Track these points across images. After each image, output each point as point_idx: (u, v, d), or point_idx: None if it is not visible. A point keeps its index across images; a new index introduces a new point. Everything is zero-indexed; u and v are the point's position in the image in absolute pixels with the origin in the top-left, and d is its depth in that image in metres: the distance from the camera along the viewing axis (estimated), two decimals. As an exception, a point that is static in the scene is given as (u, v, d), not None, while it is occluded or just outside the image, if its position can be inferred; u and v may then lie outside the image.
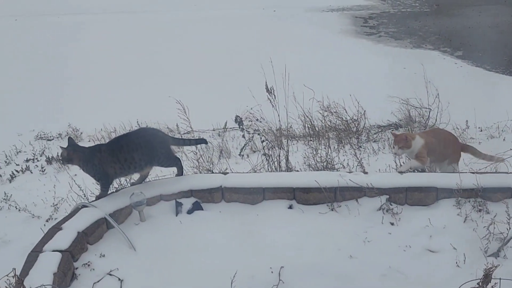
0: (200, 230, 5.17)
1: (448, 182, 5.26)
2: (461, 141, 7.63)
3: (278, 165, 6.67)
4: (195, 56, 16.73)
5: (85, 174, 5.58)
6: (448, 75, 13.30)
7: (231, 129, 9.23)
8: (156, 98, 11.59)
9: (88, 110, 11.11)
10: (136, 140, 5.40)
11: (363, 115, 8.49)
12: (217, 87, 12.94)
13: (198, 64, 15.57)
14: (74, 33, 21.50)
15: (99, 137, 8.97)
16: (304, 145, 8.00)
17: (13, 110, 12.12)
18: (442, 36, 18.93)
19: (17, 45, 20.09)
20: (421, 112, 8.69)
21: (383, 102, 9.14)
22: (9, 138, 9.58)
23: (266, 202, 5.55)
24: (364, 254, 4.73)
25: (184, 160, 6.96)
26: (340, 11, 25.03)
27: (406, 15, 23.92)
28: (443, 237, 4.78)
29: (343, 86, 10.58)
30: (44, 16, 25.87)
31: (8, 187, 7.32)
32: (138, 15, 25.21)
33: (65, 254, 4.55)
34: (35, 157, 8.61)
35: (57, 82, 14.64)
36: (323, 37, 19.03)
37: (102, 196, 5.45)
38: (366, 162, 6.85)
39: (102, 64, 16.44)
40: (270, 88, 6.84)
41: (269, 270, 4.58)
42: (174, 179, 5.80)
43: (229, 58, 16.05)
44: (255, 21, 22.57)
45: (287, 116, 7.18)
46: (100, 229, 5.10)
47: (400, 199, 5.32)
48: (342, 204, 5.37)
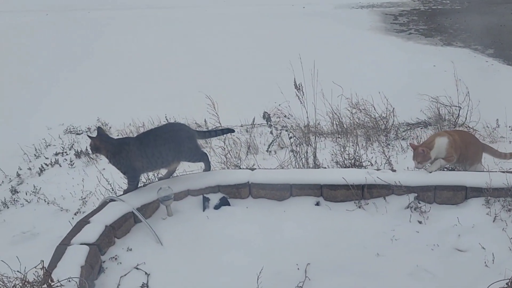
0: (227, 225, 5.18)
1: (478, 181, 5.21)
2: (491, 140, 7.58)
3: (305, 162, 6.64)
4: (225, 52, 16.75)
5: (113, 168, 5.61)
6: (479, 73, 13.16)
7: (259, 125, 9.22)
8: (185, 93, 11.62)
9: (117, 105, 11.17)
10: (164, 135, 5.41)
11: (392, 113, 8.43)
12: (246, 83, 12.94)
13: (227, 60, 15.59)
14: (104, 28, 21.65)
15: (128, 131, 9.01)
16: (332, 142, 7.97)
17: (43, 103, 12.21)
18: (473, 34, 18.73)
19: (48, 39, 20.24)
20: (450, 110, 8.61)
21: (412, 100, 9.06)
22: (38, 132, 9.65)
23: (293, 198, 5.53)
24: (391, 252, 4.70)
25: (212, 155, 6.97)
26: (370, 8, 24.89)
27: (437, 12, 23.71)
28: (472, 237, 4.73)
29: (372, 83, 10.50)
30: (74, 11, 26.05)
31: (38, 180, 7.38)
32: (167, 11, 25.27)
33: (92, 248, 4.58)
34: (64, 151, 8.67)
35: (87, 76, 14.75)
36: (352, 34, 18.93)
37: (130, 190, 5.48)
38: (394, 160, 6.81)
39: (132, 58, 16.53)
40: (299, 84, 6.82)
41: (296, 266, 4.57)
42: (202, 174, 5.81)
43: (258, 54, 16.05)
44: (284, 17, 22.52)
45: (315, 112, 7.15)
46: (128, 223, 5.12)
47: (428, 198, 5.27)
48: (370, 201, 5.34)
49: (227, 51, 16.95)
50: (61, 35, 20.94)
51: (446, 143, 5.41)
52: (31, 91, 13.43)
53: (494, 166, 6.08)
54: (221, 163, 6.87)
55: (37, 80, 14.58)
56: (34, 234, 5.72)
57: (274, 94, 8.46)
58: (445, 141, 5.41)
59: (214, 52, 16.81)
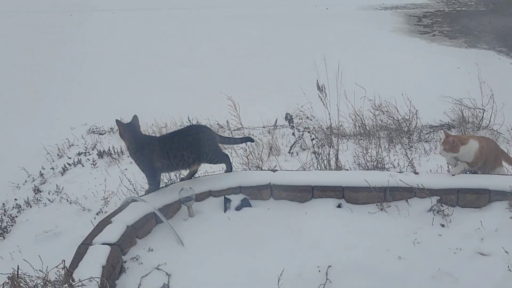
0: (248, 227, 5.17)
1: (501, 184, 5.15)
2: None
3: (327, 164, 6.63)
4: (248, 53, 16.77)
5: (135, 168, 5.63)
6: (504, 75, 13.07)
7: (281, 127, 9.23)
8: (208, 94, 11.66)
9: (140, 105, 11.22)
10: (186, 138, 5.42)
11: (415, 115, 8.39)
12: (269, 84, 12.95)
13: (250, 61, 15.61)
14: (127, 28, 21.77)
15: (150, 131, 9.04)
16: (354, 144, 7.95)
17: (66, 103, 12.31)
18: (497, 36, 18.61)
19: (72, 39, 20.39)
20: (474, 112, 8.55)
21: (436, 102, 9.02)
22: (62, 132, 9.74)
23: (315, 200, 5.51)
24: (413, 255, 4.66)
25: (234, 156, 6.98)
26: (394, 9, 24.82)
27: (461, 14, 23.58)
28: (495, 240, 4.67)
29: (395, 85, 10.48)
30: (98, 12, 26.22)
31: (60, 180, 7.45)
32: (189, 11, 25.36)
33: (114, 248, 4.59)
34: (87, 151, 8.73)
35: (110, 77, 14.85)
36: (375, 35, 18.90)
37: (152, 191, 5.49)
38: (417, 162, 6.78)
39: (155, 59, 16.60)
40: (321, 85, 6.81)
41: (317, 269, 4.55)
42: (223, 175, 5.81)
43: (281, 55, 16.06)
44: (307, 18, 22.52)
45: (338, 114, 7.14)
46: (149, 224, 5.14)
47: (451, 201, 5.23)
48: (392, 204, 5.30)
49: (250, 51, 16.98)
50: (85, 34, 21.09)
51: (477, 149, 5.32)
52: (54, 91, 13.53)
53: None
54: (242, 164, 6.88)
55: (60, 80, 14.68)
56: (56, 233, 5.76)
57: (297, 95, 8.46)
58: (476, 146, 5.33)
59: (238, 53, 16.84)
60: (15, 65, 16.97)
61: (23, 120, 11.07)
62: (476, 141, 5.35)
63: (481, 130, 8.08)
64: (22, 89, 13.95)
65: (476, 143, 5.34)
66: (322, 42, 16.79)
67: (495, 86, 8.61)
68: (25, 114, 11.62)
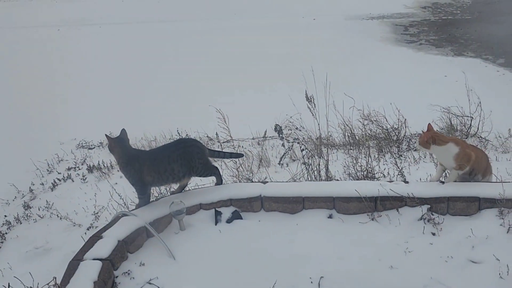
0: (239, 239, 5.17)
1: (491, 192, 5.17)
2: (503, 150, 7.56)
3: (318, 174, 6.64)
4: (235, 65, 16.80)
5: (125, 182, 5.63)
6: (490, 82, 13.14)
7: (270, 138, 9.24)
8: (196, 107, 11.66)
9: (129, 118, 11.21)
10: (176, 152, 5.42)
11: (404, 124, 8.42)
12: (257, 95, 12.97)
13: (238, 73, 15.64)
14: (115, 42, 21.77)
15: (139, 145, 9.03)
16: (344, 154, 7.96)
17: (55, 118, 12.28)
18: (484, 44, 18.72)
19: (60, 55, 20.38)
20: (462, 120, 8.59)
21: (424, 111, 9.05)
22: (51, 147, 9.71)
23: (306, 211, 5.51)
24: (405, 264, 4.67)
25: (224, 169, 6.98)
26: (380, 19, 24.91)
27: (447, 22, 23.70)
28: (486, 248, 4.69)
29: (383, 94, 10.52)
30: (85, 26, 26.21)
31: (50, 196, 7.42)
32: (177, 24, 25.37)
33: (105, 263, 4.58)
34: (77, 166, 8.72)
35: (98, 91, 14.84)
36: (363, 45, 18.98)
37: (142, 205, 5.48)
38: (407, 171, 6.79)
39: (142, 72, 16.60)
40: (310, 96, 6.83)
41: (309, 280, 4.55)
42: (214, 188, 5.81)
43: (268, 67, 16.09)
44: (294, 29, 22.58)
45: (327, 124, 7.15)
46: (140, 238, 5.12)
47: (441, 209, 5.24)
48: (383, 213, 5.31)
49: (239, 63, 17.00)
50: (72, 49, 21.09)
51: (456, 153, 5.25)
52: (42, 106, 13.50)
53: (507, 177, 6.07)
54: (233, 177, 6.88)
55: (49, 95, 14.65)
56: (46, 249, 5.74)
57: (286, 106, 8.47)
58: (455, 150, 5.26)
59: (225, 65, 16.87)
60: (2, 81, 16.93)
61: (12, 136, 11.02)
62: (456, 146, 5.26)
63: (470, 138, 8.11)
64: (10, 105, 13.91)
65: (455, 148, 5.25)
66: (310, 53, 16.84)
67: (482, 93, 8.66)
68: (13, 130, 11.58)
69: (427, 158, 7.47)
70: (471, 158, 5.31)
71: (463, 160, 5.27)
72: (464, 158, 5.27)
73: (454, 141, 5.34)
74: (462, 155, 5.26)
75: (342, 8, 26.95)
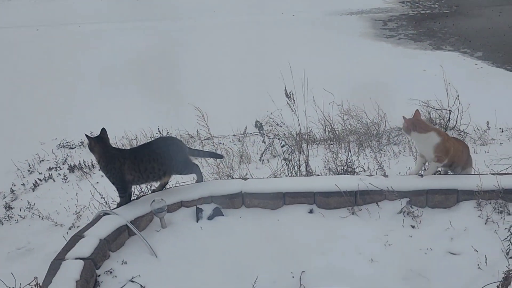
0: (220, 236, 5.19)
1: (469, 184, 5.23)
2: (481, 142, 7.63)
3: (298, 170, 6.67)
4: (215, 62, 16.78)
5: (106, 182, 5.63)
6: (468, 76, 13.23)
7: (251, 134, 9.26)
8: (177, 105, 11.63)
9: (110, 118, 11.18)
10: (157, 150, 5.43)
11: (383, 118, 8.47)
12: (237, 92, 12.96)
13: (218, 70, 15.62)
14: (93, 41, 21.67)
15: (120, 144, 9.02)
16: (325, 149, 8.00)
17: (36, 118, 12.23)
18: (462, 37, 18.83)
19: (38, 54, 20.26)
20: (441, 114, 8.65)
21: (403, 105, 9.08)
22: (32, 147, 9.67)
23: (287, 207, 5.54)
24: (385, 257, 4.72)
25: (204, 166, 7.00)
26: (359, 14, 24.97)
27: (426, 17, 23.81)
28: (464, 239, 4.75)
29: (363, 89, 10.55)
30: (64, 25, 26.06)
31: (31, 196, 7.40)
32: (157, 23, 25.29)
33: (87, 262, 4.58)
34: (58, 166, 8.70)
35: (78, 91, 14.78)
36: (342, 40, 19.00)
37: (124, 203, 5.49)
38: (386, 165, 6.85)
39: (122, 72, 16.53)
40: (290, 92, 6.86)
41: (290, 274, 4.59)
42: (195, 186, 5.82)
43: (248, 64, 16.07)
44: (274, 26, 22.58)
45: (307, 120, 7.19)
46: (122, 236, 5.13)
47: (420, 202, 5.29)
48: (363, 207, 5.36)
49: (217, 61, 16.98)
50: (51, 49, 20.95)
51: (436, 143, 5.29)
52: (22, 107, 13.44)
53: (485, 168, 6.13)
54: (213, 174, 6.90)
55: (28, 95, 14.58)
56: (29, 250, 5.72)
57: (266, 103, 8.49)
58: (436, 140, 5.29)
59: (204, 62, 16.84)
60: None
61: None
62: (438, 136, 5.30)
63: (449, 131, 8.17)
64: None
65: (437, 137, 5.29)
66: (289, 49, 16.86)
67: (460, 87, 8.72)
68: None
69: (407, 151, 7.53)
70: (449, 151, 5.36)
71: (442, 152, 5.32)
72: (443, 150, 5.32)
73: (436, 131, 5.37)
74: (442, 147, 5.30)
75: (321, 4, 26.96)
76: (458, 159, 5.49)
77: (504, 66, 14.76)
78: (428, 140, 5.32)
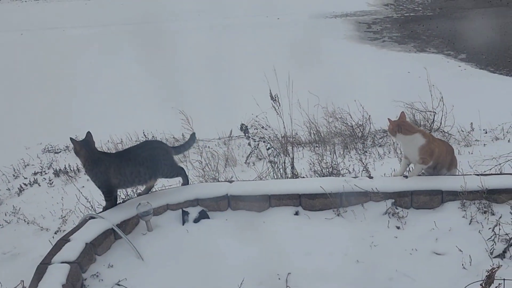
0: (207, 238, 5.19)
1: (453, 184, 5.27)
2: (466, 144, 7.68)
3: (283, 172, 6.69)
4: (200, 65, 16.77)
5: (92, 185, 5.63)
6: (452, 78, 13.31)
7: (236, 137, 9.27)
8: (162, 109, 11.63)
9: (95, 122, 11.16)
10: (142, 154, 5.44)
11: (368, 120, 8.51)
12: (222, 95, 12.97)
13: (203, 73, 15.61)
14: (79, 46, 21.60)
15: (105, 148, 9.00)
16: (310, 151, 8.03)
17: (20, 123, 12.19)
18: (445, 40, 18.94)
19: (22, 59, 20.18)
20: (426, 115, 8.70)
21: (388, 107, 9.11)
22: (16, 152, 9.64)
23: (272, 209, 5.57)
24: (370, 258, 4.74)
25: (190, 169, 7.01)
26: (344, 17, 25.03)
27: (410, 19, 23.90)
28: (449, 240, 4.78)
29: (348, 91, 10.60)
30: (49, 30, 25.96)
31: (17, 201, 7.37)
32: (142, 26, 25.24)
33: (73, 266, 4.58)
34: (43, 170, 8.67)
35: (62, 95, 14.72)
36: (327, 43, 19.02)
37: (109, 207, 5.49)
38: (371, 167, 6.88)
39: (107, 76, 16.51)
40: (275, 95, 6.88)
41: (277, 276, 4.60)
42: (180, 189, 5.83)
43: (233, 67, 16.08)
44: (259, 29, 22.60)
45: (292, 123, 7.21)
46: (108, 240, 5.13)
47: (405, 203, 5.33)
48: (348, 209, 5.38)
49: (202, 64, 16.97)
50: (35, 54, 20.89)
51: (421, 145, 5.32)
52: (6, 112, 13.38)
53: (469, 169, 6.18)
54: (199, 177, 6.91)
55: (13, 100, 14.53)
56: (14, 254, 5.71)
57: (252, 106, 8.51)
58: (421, 142, 5.32)
59: (190, 66, 16.82)
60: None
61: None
62: (423, 138, 5.33)
63: (433, 133, 8.21)
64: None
65: (422, 139, 5.32)
66: (274, 52, 16.89)
67: (444, 88, 8.77)
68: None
69: (391, 153, 7.57)
70: (434, 153, 5.39)
71: (427, 153, 5.35)
72: (427, 152, 5.35)
73: (421, 133, 5.40)
74: (427, 148, 5.33)
75: (305, 6, 27.00)
76: (442, 161, 5.52)
77: (488, 67, 14.87)
78: (413, 142, 5.35)
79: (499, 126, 8.33)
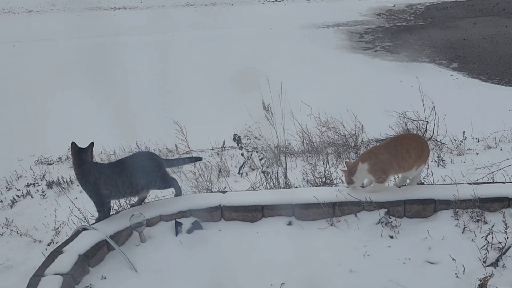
0: (200, 249, 5.18)
1: (446, 193, 5.29)
2: (458, 152, 7.69)
3: (277, 182, 6.69)
4: (192, 76, 16.80)
5: (85, 197, 5.61)
6: (444, 87, 13.37)
7: (229, 148, 9.27)
8: (155, 119, 11.64)
9: (88, 133, 11.14)
10: (134, 165, 5.42)
11: (361, 130, 8.53)
12: (215, 106, 13.00)
13: (195, 84, 15.64)
14: (73, 57, 21.60)
15: (98, 159, 8.99)
16: (303, 161, 8.03)
17: (13, 135, 12.17)
18: (437, 49, 19.05)
19: (15, 71, 20.17)
20: (418, 124, 8.73)
21: (380, 116, 9.17)
22: (9, 164, 9.62)
23: (266, 219, 5.56)
24: (364, 268, 4.74)
25: (183, 180, 7.00)
26: (336, 27, 25.14)
27: (402, 29, 24.02)
28: (442, 249, 4.79)
29: (340, 101, 10.61)
30: (42, 41, 25.96)
31: (9, 213, 7.35)
32: (133, 37, 25.27)
33: (66, 277, 4.56)
34: (36, 182, 8.65)
35: (54, 106, 14.71)
36: (319, 53, 19.11)
37: (102, 218, 5.47)
38: (364, 176, 6.88)
39: (101, 87, 16.49)
40: (267, 105, 6.89)
41: (270, 287, 4.59)
42: (173, 199, 5.82)
43: (226, 77, 16.10)
44: (251, 39, 22.65)
45: (284, 133, 7.22)
46: (101, 251, 5.11)
47: (398, 212, 5.34)
48: (341, 219, 5.38)
49: (194, 74, 17.00)
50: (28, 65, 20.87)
51: (367, 169, 5.36)
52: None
53: (462, 178, 6.19)
54: (192, 187, 6.90)
55: (6, 112, 14.51)
56: (7, 266, 5.69)
57: (244, 116, 8.52)
58: (364, 168, 5.37)
59: (182, 77, 16.84)
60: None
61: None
62: (363, 163, 5.37)
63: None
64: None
65: (363, 165, 5.37)
66: (266, 62, 16.91)
67: (436, 97, 8.80)
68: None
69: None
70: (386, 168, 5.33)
71: (378, 172, 5.35)
72: (377, 171, 5.35)
73: (360, 160, 5.45)
74: (373, 168, 5.35)
75: (298, 17, 27.10)
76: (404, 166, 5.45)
77: (479, 76, 14.96)
78: (363, 172, 5.41)
79: (491, 134, 8.37)
